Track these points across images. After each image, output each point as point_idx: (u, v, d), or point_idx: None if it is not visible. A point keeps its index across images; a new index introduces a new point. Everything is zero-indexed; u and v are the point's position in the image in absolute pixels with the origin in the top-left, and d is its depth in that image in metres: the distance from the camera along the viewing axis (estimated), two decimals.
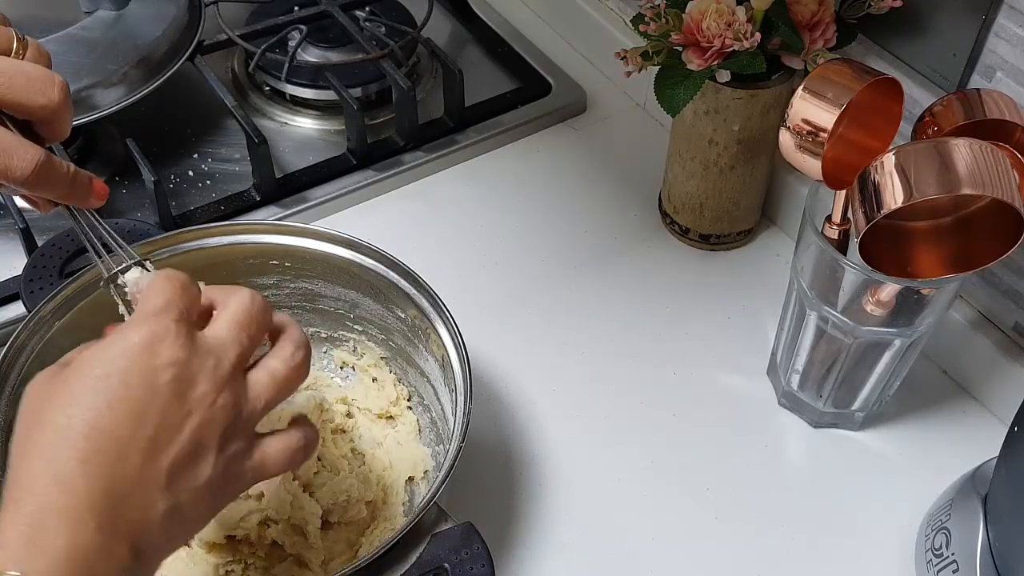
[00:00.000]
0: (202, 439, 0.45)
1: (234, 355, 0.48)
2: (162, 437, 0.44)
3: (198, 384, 0.46)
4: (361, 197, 0.89)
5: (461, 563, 0.56)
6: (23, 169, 0.51)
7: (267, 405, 0.49)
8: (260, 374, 0.49)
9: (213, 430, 0.46)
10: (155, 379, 0.45)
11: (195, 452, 0.45)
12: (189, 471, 0.45)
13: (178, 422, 0.45)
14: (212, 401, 0.46)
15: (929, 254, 0.62)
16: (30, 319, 0.63)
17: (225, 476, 0.47)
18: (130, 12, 0.88)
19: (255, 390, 0.48)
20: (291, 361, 0.50)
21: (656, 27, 0.72)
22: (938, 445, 0.74)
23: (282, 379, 0.49)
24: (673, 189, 0.86)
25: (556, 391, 0.76)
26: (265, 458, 0.49)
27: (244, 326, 0.49)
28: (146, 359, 0.45)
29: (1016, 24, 0.65)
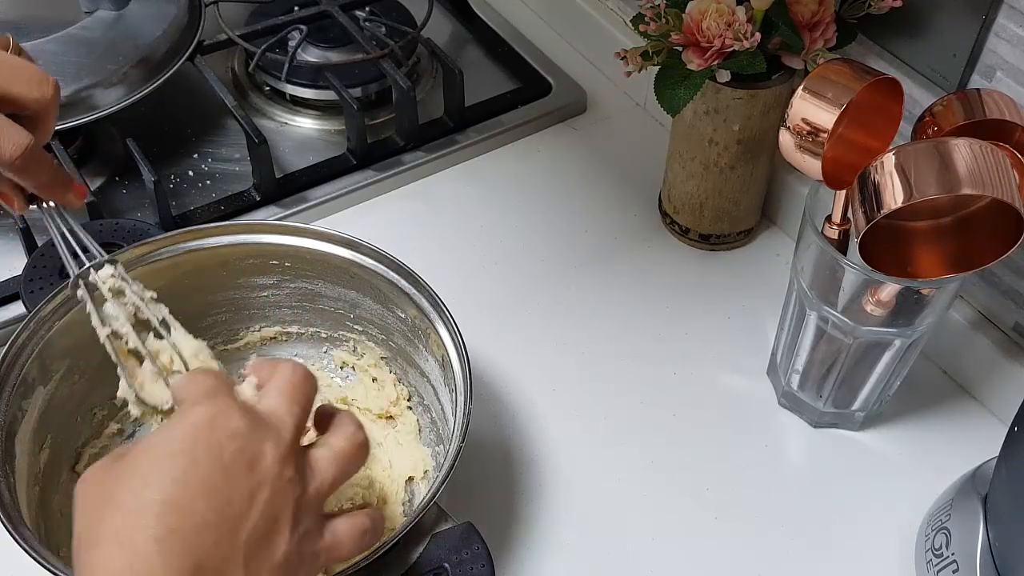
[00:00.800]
0: (275, 513, 0.44)
1: (291, 426, 0.47)
2: (236, 511, 0.43)
3: (264, 455, 0.45)
4: (361, 197, 0.89)
5: (461, 563, 0.57)
6: (12, 151, 0.51)
7: (334, 482, 0.48)
8: (322, 451, 0.48)
9: (285, 503, 0.45)
10: (222, 452, 0.44)
11: (269, 527, 0.44)
12: (265, 548, 0.44)
13: (250, 495, 0.44)
14: (279, 472, 0.45)
15: (929, 254, 0.62)
16: (30, 319, 0.63)
17: (300, 555, 0.45)
18: (130, 12, 0.88)
19: (319, 465, 0.48)
20: (352, 439, 0.49)
21: (656, 27, 0.72)
22: (938, 445, 0.74)
23: (344, 455, 0.49)
24: (673, 189, 0.86)
25: (556, 391, 0.76)
26: (336, 538, 0.48)
27: (293, 398, 0.48)
28: (210, 433, 0.44)
29: (1016, 24, 0.65)
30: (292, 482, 0.45)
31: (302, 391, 0.49)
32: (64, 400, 0.66)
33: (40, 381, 0.64)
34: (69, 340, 0.65)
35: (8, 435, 0.60)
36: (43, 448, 0.64)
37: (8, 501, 0.56)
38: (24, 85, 0.52)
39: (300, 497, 0.46)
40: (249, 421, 0.45)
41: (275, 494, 0.44)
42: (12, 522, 0.55)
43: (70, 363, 0.66)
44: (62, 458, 0.66)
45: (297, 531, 0.45)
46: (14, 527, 0.54)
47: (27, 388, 0.62)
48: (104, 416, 0.70)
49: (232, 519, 0.43)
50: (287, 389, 0.48)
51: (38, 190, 0.55)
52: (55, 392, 0.65)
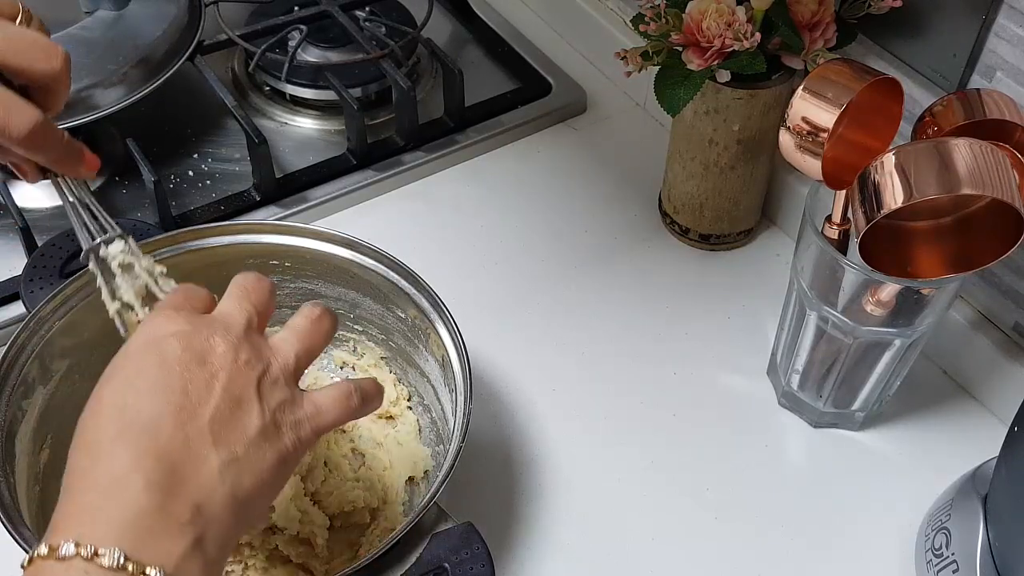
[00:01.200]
0: (237, 395, 0.46)
1: (242, 319, 0.49)
2: (192, 399, 0.45)
3: (214, 347, 0.47)
4: (361, 197, 0.89)
5: (461, 563, 0.57)
6: (20, 128, 0.52)
7: (299, 358, 0.50)
8: (281, 332, 0.50)
9: (246, 382, 0.47)
10: (165, 354, 0.46)
11: (234, 407, 0.46)
12: (234, 424, 0.45)
13: (205, 383, 0.46)
14: (233, 358, 0.47)
15: (929, 254, 0.62)
16: (30, 319, 0.63)
17: (277, 424, 0.47)
18: (130, 12, 0.88)
19: (281, 345, 0.49)
20: (310, 315, 0.51)
21: (656, 27, 0.72)
22: (938, 445, 0.74)
23: (304, 330, 0.51)
24: (673, 189, 0.86)
25: (556, 391, 0.76)
26: (318, 407, 0.49)
27: (244, 295, 0.50)
28: (153, 342, 0.46)
29: (1016, 24, 0.65)
30: (248, 364, 0.47)
31: (254, 291, 0.51)
32: (64, 400, 0.66)
33: (40, 381, 0.64)
34: (69, 340, 0.65)
35: (8, 435, 0.60)
36: (43, 448, 0.64)
37: (8, 501, 0.56)
38: (29, 57, 0.53)
39: (263, 374, 0.47)
40: (193, 323, 0.48)
41: (233, 377, 0.46)
42: (12, 522, 0.55)
43: (70, 363, 0.66)
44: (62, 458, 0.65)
45: (266, 404, 0.47)
46: (14, 527, 0.55)
47: (27, 388, 0.63)
48: None
49: (189, 407, 0.45)
50: (236, 292, 0.51)
51: (50, 164, 0.55)
52: (55, 392, 0.65)
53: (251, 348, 0.48)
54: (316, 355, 0.51)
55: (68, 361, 0.65)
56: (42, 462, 0.63)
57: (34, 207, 0.84)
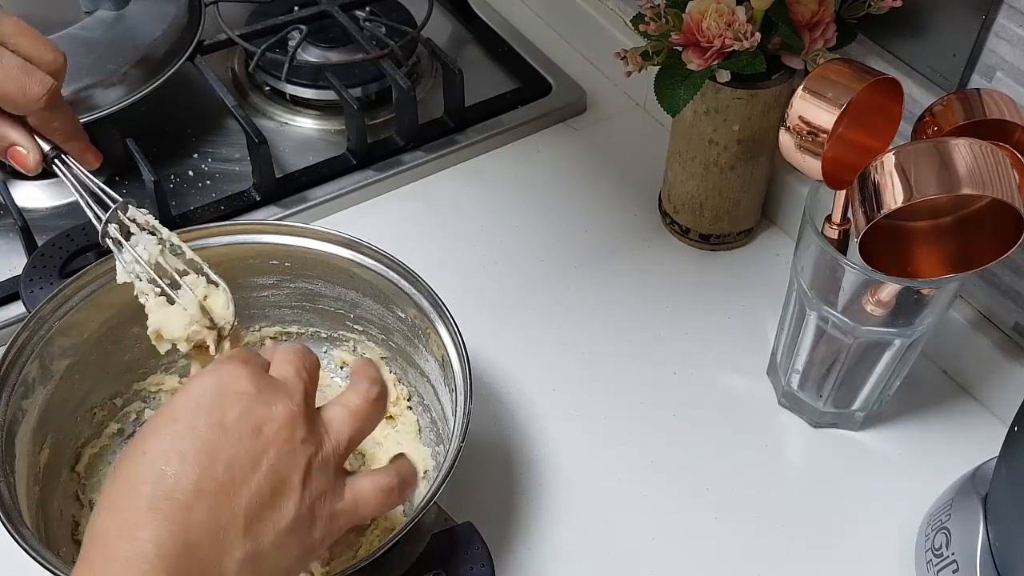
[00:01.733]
0: (282, 477, 0.44)
1: (302, 388, 0.47)
2: (236, 477, 0.42)
3: (272, 418, 0.44)
4: (361, 197, 0.89)
5: (461, 563, 0.57)
6: (39, 90, 0.52)
7: (351, 441, 0.47)
8: (336, 409, 0.48)
9: (295, 465, 0.44)
10: (224, 416, 0.43)
11: (276, 491, 0.43)
12: (270, 512, 0.43)
13: (253, 459, 0.43)
14: (289, 435, 0.44)
15: (929, 254, 0.62)
16: (30, 319, 0.63)
17: (312, 516, 0.45)
18: (130, 12, 0.88)
19: (334, 425, 0.47)
20: (367, 395, 0.49)
21: (656, 27, 0.72)
22: (938, 445, 0.74)
23: (360, 412, 0.48)
24: (673, 189, 0.86)
25: (556, 391, 0.76)
26: (357, 500, 0.47)
27: (301, 364, 0.48)
28: (213, 398, 0.44)
29: (1016, 24, 0.65)
30: (304, 443, 0.45)
31: (308, 360, 0.49)
32: (64, 400, 0.66)
33: (40, 381, 0.64)
34: (69, 340, 0.65)
35: (8, 435, 0.60)
36: (43, 448, 0.64)
37: (8, 501, 0.56)
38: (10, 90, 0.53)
39: (312, 457, 0.45)
40: (257, 384, 0.45)
41: (282, 457, 0.44)
42: (12, 522, 0.55)
43: (70, 363, 0.66)
44: (62, 458, 0.66)
45: (308, 492, 0.44)
46: (14, 527, 0.54)
47: (27, 388, 0.63)
48: (104, 416, 0.70)
49: (231, 485, 0.42)
50: (293, 359, 0.48)
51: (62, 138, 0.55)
52: (55, 392, 0.65)
53: (309, 424, 0.45)
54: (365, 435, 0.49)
55: (68, 361, 0.65)
56: (42, 462, 0.63)
57: (34, 207, 0.84)
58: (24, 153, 0.55)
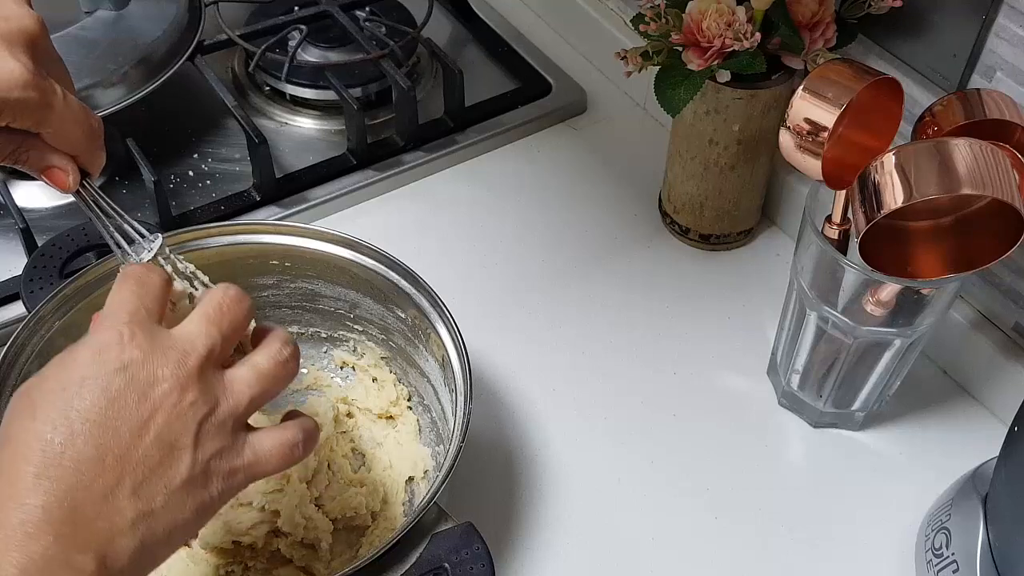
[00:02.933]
0: (170, 440, 0.44)
1: (202, 349, 0.46)
2: (123, 442, 0.43)
3: (160, 382, 0.44)
4: (361, 197, 0.89)
5: (461, 563, 0.56)
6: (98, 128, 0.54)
7: (252, 401, 0.47)
8: (241, 370, 0.47)
9: (184, 428, 0.44)
10: (109, 384, 0.44)
11: (165, 454, 0.44)
12: (160, 474, 0.44)
13: (139, 425, 0.43)
14: (178, 398, 0.44)
15: (929, 254, 0.62)
16: (30, 319, 0.63)
17: (207, 475, 0.45)
18: (130, 12, 0.88)
19: (236, 385, 0.47)
20: (277, 356, 0.48)
21: (656, 27, 0.72)
22: (938, 445, 0.74)
23: (266, 373, 0.48)
24: (673, 189, 0.86)
25: (556, 391, 0.76)
26: (257, 455, 0.47)
27: (214, 319, 0.47)
28: (100, 365, 0.44)
29: (1016, 24, 0.65)
30: (193, 405, 0.45)
31: (229, 314, 0.48)
32: None
33: None
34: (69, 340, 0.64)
35: None
36: None
37: None
38: None
39: (206, 418, 0.45)
40: (146, 347, 0.45)
41: (171, 420, 0.44)
42: None
43: None
44: None
45: (200, 452, 0.45)
46: None
47: None
48: None
49: (118, 450, 0.43)
50: (209, 312, 0.48)
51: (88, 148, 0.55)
52: None
53: (201, 386, 0.45)
54: (272, 398, 0.49)
55: None
56: None
57: (34, 207, 0.84)
58: (64, 174, 0.55)
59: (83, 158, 0.54)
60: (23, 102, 0.49)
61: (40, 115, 0.51)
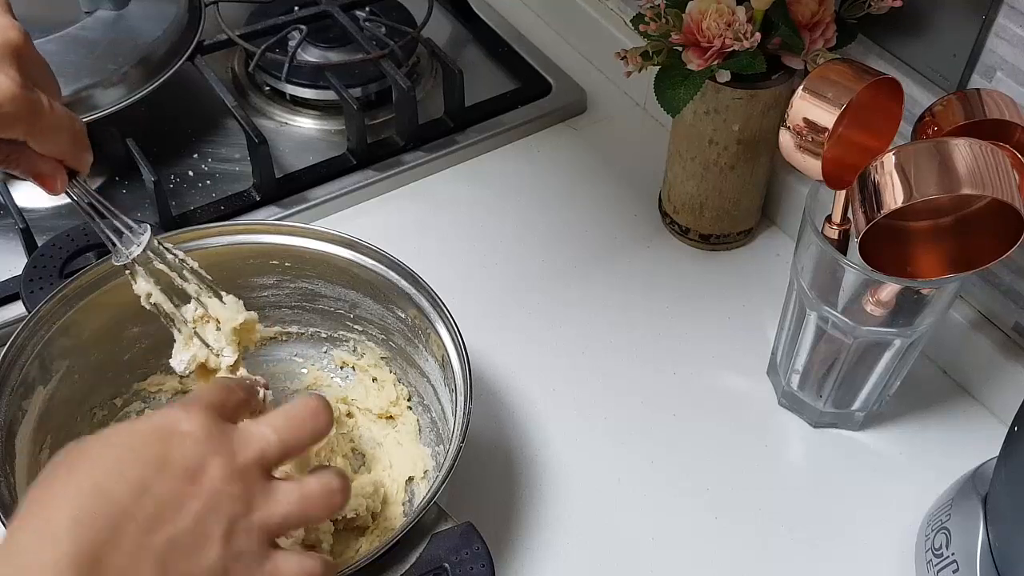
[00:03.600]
0: (205, 526, 0.44)
1: (256, 447, 0.46)
2: (163, 513, 0.43)
3: (209, 468, 0.45)
4: (361, 197, 0.89)
5: (461, 563, 0.56)
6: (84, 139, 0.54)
7: (287, 518, 0.46)
8: (289, 485, 0.47)
9: (219, 519, 0.44)
10: (167, 454, 0.44)
11: (196, 537, 0.44)
12: (187, 555, 0.43)
13: (182, 501, 0.44)
14: (220, 488, 0.44)
15: (929, 254, 0.62)
16: (30, 319, 0.63)
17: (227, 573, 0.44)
18: (130, 12, 0.88)
19: (277, 496, 0.46)
20: (327, 485, 0.48)
21: (656, 27, 0.72)
22: (938, 445, 0.74)
23: (311, 498, 0.47)
24: (673, 189, 0.86)
25: (556, 391, 0.76)
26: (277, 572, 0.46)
27: (277, 427, 0.47)
28: (162, 433, 0.45)
29: (1016, 24, 0.65)
30: (231, 499, 0.45)
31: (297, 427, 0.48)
32: (64, 400, 0.66)
33: (40, 381, 0.64)
34: (69, 340, 0.65)
35: (8, 435, 0.60)
36: (43, 448, 0.64)
37: (8, 501, 0.56)
38: None
39: (239, 517, 0.45)
40: (209, 431, 0.45)
41: (209, 509, 0.44)
42: None
43: (70, 363, 0.66)
44: None
45: (229, 549, 0.44)
46: None
47: (27, 388, 0.63)
48: (104, 416, 0.70)
49: (157, 519, 0.43)
50: (278, 420, 0.48)
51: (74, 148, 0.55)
52: (55, 392, 0.65)
53: (245, 486, 0.45)
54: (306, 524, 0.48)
55: (68, 361, 0.65)
56: (42, 462, 0.63)
57: (34, 207, 0.84)
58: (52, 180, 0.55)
59: (70, 161, 0.54)
60: (11, 115, 0.50)
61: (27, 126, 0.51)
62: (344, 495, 0.48)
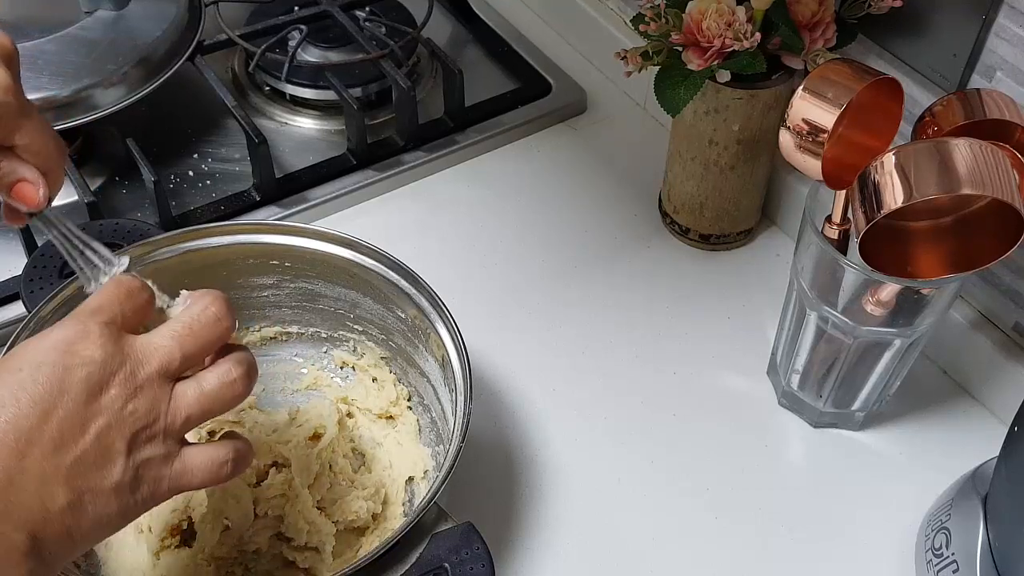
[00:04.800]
0: (108, 443, 0.46)
1: (157, 363, 0.47)
2: (65, 434, 0.45)
3: (110, 387, 0.46)
4: (361, 197, 0.89)
5: (461, 563, 0.56)
6: None
7: (190, 419, 0.48)
8: (188, 385, 0.48)
9: (120, 434, 0.46)
10: (66, 377, 0.45)
11: (101, 454, 0.45)
12: (93, 472, 0.45)
13: (84, 422, 0.45)
14: (122, 406, 0.46)
15: (929, 254, 0.62)
16: (30, 319, 0.63)
17: (136, 481, 0.47)
18: (130, 12, 0.88)
19: (179, 401, 0.48)
20: (225, 377, 0.49)
21: (656, 27, 0.72)
22: (938, 445, 0.74)
23: (211, 393, 0.49)
24: (673, 189, 0.86)
25: (556, 391, 0.76)
26: (186, 469, 0.48)
27: (179, 337, 0.48)
28: (61, 356, 0.45)
29: (1016, 24, 0.65)
30: (134, 414, 0.46)
31: (197, 334, 0.49)
32: None
33: None
34: None
35: None
36: None
37: None
38: None
39: (143, 429, 0.47)
40: (108, 351, 0.46)
41: (111, 426, 0.46)
42: None
43: None
44: None
45: (133, 458, 0.46)
46: None
47: None
48: None
49: (59, 441, 0.44)
50: (179, 329, 0.48)
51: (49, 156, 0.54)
52: None
53: (145, 400, 0.47)
54: (214, 417, 0.50)
55: None
56: None
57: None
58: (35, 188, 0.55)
59: (51, 175, 0.54)
60: (5, 106, 0.50)
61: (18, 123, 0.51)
62: (245, 381, 0.50)
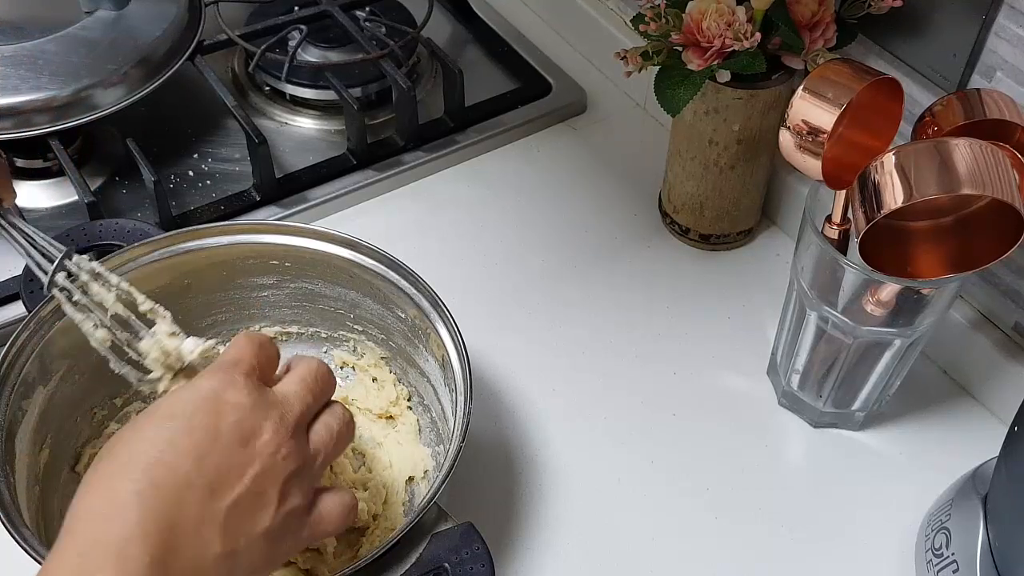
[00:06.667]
0: (263, 488, 0.47)
1: (299, 410, 0.50)
2: (223, 479, 0.45)
3: (262, 433, 0.47)
4: (361, 197, 0.89)
5: (461, 563, 0.56)
6: None
7: (326, 460, 0.51)
8: (320, 428, 0.51)
9: (275, 480, 0.47)
10: (218, 422, 0.46)
11: (255, 499, 0.46)
12: (248, 517, 0.46)
13: (240, 467, 0.46)
14: (275, 451, 0.47)
15: (929, 254, 0.62)
16: (30, 319, 0.63)
17: (283, 529, 0.48)
18: (130, 12, 0.88)
19: (315, 445, 0.50)
20: (343, 417, 0.53)
21: (656, 27, 0.72)
22: (938, 445, 0.74)
23: (339, 434, 0.52)
24: (673, 189, 0.86)
25: (556, 391, 0.76)
26: (322, 516, 0.50)
27: (309, 386, 0.51)
28: (211, 403, 0.47)
29: (1016, 24, 0.65)
30: (286, 460, 0.48)
31: (321, 382, 0.52)
32: (64, 400, 0.66)
33: (40, 381, 0.64)
34: (69, 340, 0.65)
35: (8, 435, 0.60)
36: (43, 448, 0.64)
37: (8, 501, 0.56)
38: None
39: (292, 474, 0.48)
40: (255, 398, 0.48)
41: (266, 471, 0.47)
42: (12, 522, 0.55)
43: (70, 363, 0.66)
44: (62, 458, 0.66)
45: (284, 506, 0.48)
46: (14, 527, 0.55)
47: (27, 388, 0.63)
48: (104, 416, 0.70)
49: (218, 486, 0.45)
50: (305, 377, 0.51)
51: None
52: (55, 392, 0.65)
53: (294, 444, 0.49)
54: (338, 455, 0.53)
55: (68, 361, 0.65)
56: (42, 462, 0.63)
57: (34, 207, 0.84)
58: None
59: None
60: None
61: None
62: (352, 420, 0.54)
